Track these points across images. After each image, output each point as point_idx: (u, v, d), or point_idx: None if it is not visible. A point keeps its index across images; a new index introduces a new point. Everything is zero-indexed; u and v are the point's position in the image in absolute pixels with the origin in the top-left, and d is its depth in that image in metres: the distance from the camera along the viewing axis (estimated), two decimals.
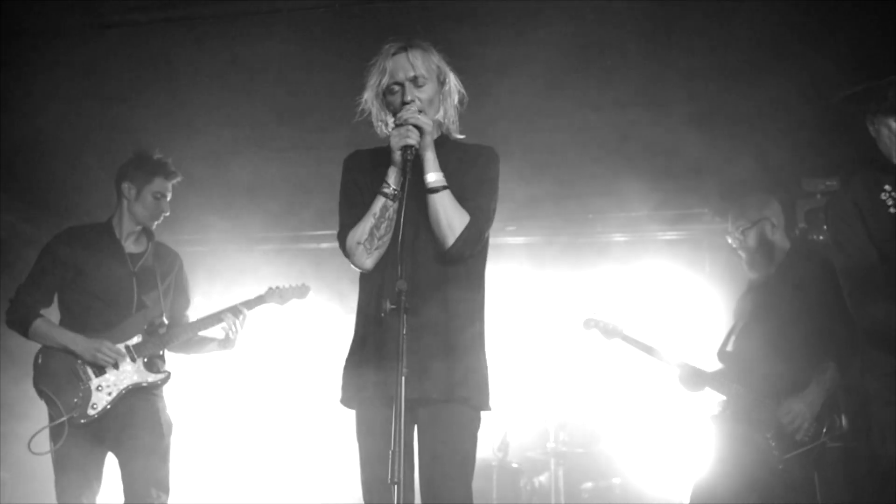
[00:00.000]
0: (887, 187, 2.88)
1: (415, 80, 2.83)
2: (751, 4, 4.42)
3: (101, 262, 4.14)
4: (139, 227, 4.28)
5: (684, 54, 4.87)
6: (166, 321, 4.26)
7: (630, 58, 4.98)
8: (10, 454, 5.88)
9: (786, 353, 4.04)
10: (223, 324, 4.28)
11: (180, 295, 4.40)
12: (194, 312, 4.48)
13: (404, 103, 2.80)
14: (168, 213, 4.30)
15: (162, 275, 4.29)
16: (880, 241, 3.06)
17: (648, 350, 4.57)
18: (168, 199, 4.29)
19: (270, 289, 4.60)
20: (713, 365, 4.38)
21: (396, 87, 2.84)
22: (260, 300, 4.51)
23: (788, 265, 4.25)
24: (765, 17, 4.51)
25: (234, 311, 4.31)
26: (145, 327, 4.14)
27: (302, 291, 4.70)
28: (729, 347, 4.39)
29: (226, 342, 4.33)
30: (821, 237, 4.75)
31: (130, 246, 4.26)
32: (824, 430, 3.92)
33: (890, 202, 2.85)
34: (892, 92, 3.08)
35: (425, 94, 2.84)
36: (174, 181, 4.32)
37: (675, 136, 5.29)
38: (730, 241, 4.46)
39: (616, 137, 5.54)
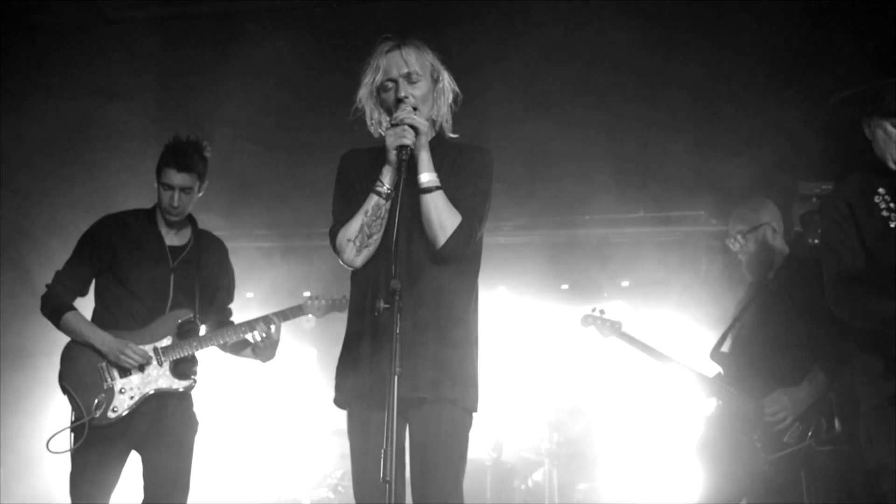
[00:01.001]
0: (881, 191, 2.88)
1: (408, 77, 2.82)
2: (749, 12, 4.44)
3: (139, 254, 3.96)
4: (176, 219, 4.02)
5: (681, 58, 4.90)
6: (200, 322, 4.05)
7: (628, 61, 5.00)
8: (6, 448, 5.89)
9: (780, 357, 4.05)
10: (255, 332, 4.00)
11: (221, 289, 4.19)
12: None
13: (398, 100, 2.79)
14: (178, 207, 3.93)
15: (201, 270, 4.07)
16: (871, 243, 3.08)
17: (645, 349, 4.55)
18: (178, 190, 3.92)
19: (309, 299, 4.25)
20: (708, 365, 4.39)
21: (390, 84, 2.84)
22: (297, 311, 4.20)
23: (786, 270, 4.26)
24: (762, 23, 4.53)
25: (267, 320, 4.04)
26: (176, 329, 3.95)
27: (342, 305, 4.27)
28: (724, 349, 4.39)
29: (259, 351, 4.08)
30: (816, 240, 4.76)
31: (172, 238, 4.04)
32: (810, 432, 3.93)
33: (883, 206, 2.85)
34: (888, 94, 3.09)
35: (419, 90, 2.83)
36: (185, 174, 3.91)
37: (672, 138, 5.31)
38: (730, 244, 4.47)
39: (614, 138, 5.56)
